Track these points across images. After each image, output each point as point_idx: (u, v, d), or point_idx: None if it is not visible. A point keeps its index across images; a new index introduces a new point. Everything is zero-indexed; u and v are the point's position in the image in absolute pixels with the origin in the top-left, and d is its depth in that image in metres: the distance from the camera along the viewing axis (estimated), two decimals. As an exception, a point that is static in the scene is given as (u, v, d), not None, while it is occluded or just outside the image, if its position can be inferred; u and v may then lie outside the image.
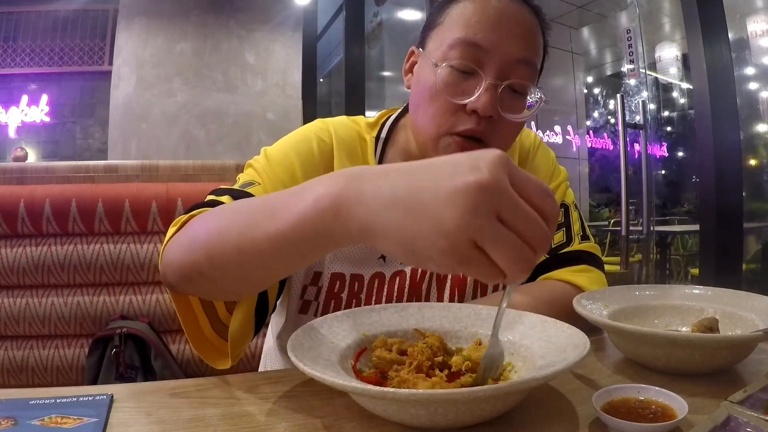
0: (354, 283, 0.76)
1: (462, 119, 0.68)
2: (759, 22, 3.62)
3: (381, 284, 0.76)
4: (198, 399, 0.54)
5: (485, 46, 0.67)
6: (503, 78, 0.68)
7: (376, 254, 0.76)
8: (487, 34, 0.67)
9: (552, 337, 0.55)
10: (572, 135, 8.61)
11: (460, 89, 0.68)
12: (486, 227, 0.36)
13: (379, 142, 0.79)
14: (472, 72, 0.68)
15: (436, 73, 0.68)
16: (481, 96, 0.66)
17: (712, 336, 0.57)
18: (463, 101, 0.68)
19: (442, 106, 0.69)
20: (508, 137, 0.72)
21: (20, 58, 6.19)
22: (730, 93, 2.66)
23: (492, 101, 0.67)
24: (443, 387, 0.48)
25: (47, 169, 1.15)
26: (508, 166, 0.38)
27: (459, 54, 0.68)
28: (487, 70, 0.67)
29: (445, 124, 0.69)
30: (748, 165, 4.07)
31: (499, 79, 0.67)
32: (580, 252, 0.81)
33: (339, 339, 0.57)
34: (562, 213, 0.83)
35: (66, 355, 1.11)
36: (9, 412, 0.48)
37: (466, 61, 0.67)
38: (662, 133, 9.21)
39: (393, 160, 0.78)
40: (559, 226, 0.82)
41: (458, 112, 0.69)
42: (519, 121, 0.71)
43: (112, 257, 1.11)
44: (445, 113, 0.69)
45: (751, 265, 3.61)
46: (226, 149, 5.21)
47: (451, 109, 0.69)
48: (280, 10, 5.46)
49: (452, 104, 0.68)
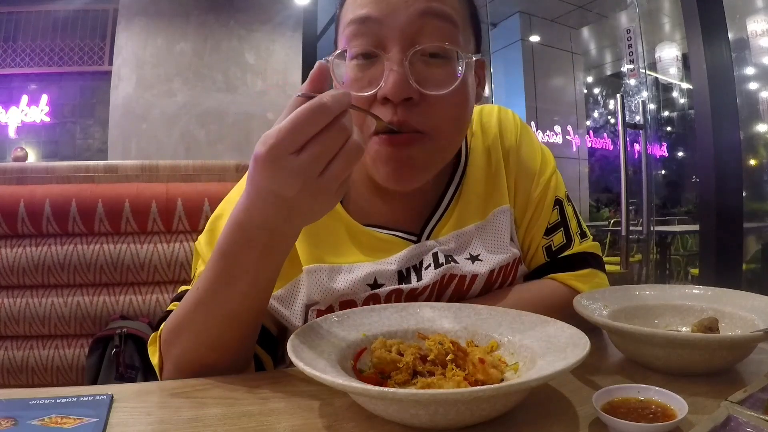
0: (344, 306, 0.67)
1: (379, 113, 0.56)
2: (759, 22, 3.62)
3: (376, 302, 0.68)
4: (198, 399, 0.54)
5: (375, 16, 0.56)
6: (409, 45, 0.56)
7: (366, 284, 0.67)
8: (373, 4, 0.56)
9: (552, 337, 0.55)
10: (572, 135, 8.61)
11: (366, 80, 0.57)
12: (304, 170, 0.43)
13: None
14: (373, 54, 0.57)
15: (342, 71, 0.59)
16: (387, 79, 0.55)
17: (712, 336, 0.57)
18: (370, 91, 0.56)
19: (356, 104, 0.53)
20: (446, 121, 0.60)
21: (20, 58, 6.19)
22: (730, 93, 2.66)
23: (400, 79, 0.54)
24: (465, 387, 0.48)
25: (47, 169, 1.15)
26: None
27: (353, 36, 0.58)
28: (387, 44, 0.56)
29: (364, 125, 0.58)
30: (748, 165, 4.07)
31: (403, 49, 0.56)
32: (584, 254, 0.76)
33: (339, 339, 0.57)
34: (557, 211, 0.75)
35: (66, 355, 1.11)
36: (9, 412, 0.48)
37: (361, 39, 0.57)
38: (662, 133, 9.21)
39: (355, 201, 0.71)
40: (557, 226, 0.75)
41: (373, 105, 0.58)
42: (452, 96, 0.58)
43: (112, 257, 1.11)
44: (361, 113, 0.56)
45: (751, 265, 3.61)
46: (226, 149, 5.21)
47: (365, 104, 0.58)
48: (280, 10, 5.46)
49: (363, 100, 0.57)
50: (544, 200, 0.76)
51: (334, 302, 0.67)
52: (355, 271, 0.67)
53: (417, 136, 0.58)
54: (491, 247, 0.72)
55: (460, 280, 0.69)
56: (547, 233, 0.75)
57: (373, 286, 0.67)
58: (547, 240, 0.75)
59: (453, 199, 0.72)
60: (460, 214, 0.72)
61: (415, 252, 0.69)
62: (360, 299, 0.67)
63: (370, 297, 0.67)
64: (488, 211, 0.73)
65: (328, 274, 0.66)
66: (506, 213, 0.73)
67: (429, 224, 0.71)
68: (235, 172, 1.20)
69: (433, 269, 0.68)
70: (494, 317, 0.63)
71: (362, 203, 0.71)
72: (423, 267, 0.69)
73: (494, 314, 0.63)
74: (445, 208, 0.71)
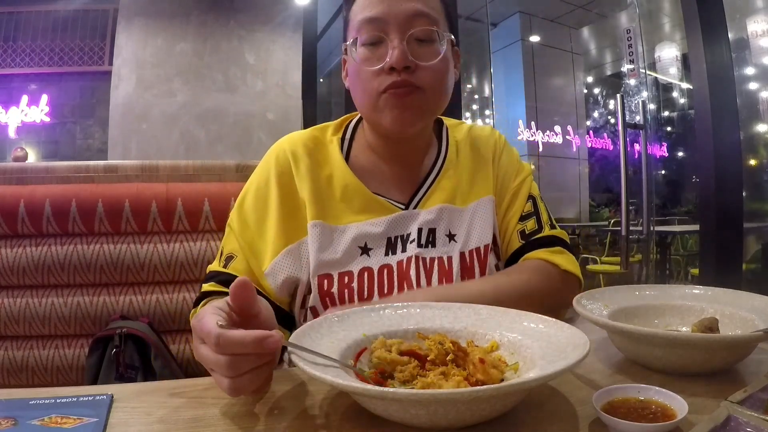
0: (343, 278, 0.79)
1: (385, 79, 0.78)
2: (759, 22, 3.62)
3: (371, 277, 0.79)
4: (198, 399, 0.54)
5: (379, 16, 0.78)
6: (404, 32, 0.78)
7: (357, 246, 0.81)
8: (377, 7, 0.78)
9: (552, 337, 0.55)
10: (572, 135, 8.61)
11: (375, 58, 0.79)
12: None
13: (344, 142, 0.90)
14: (379, 41, 0.79)
15: (355, 56, 0.80)
16: (392, 54, 0.77)
17: (712, 336, 0.57)
18: (380, 65, 0.78)
19: (367, 77, 0.79)
20: (435, 80, 0.80)
21: (20, 58, 6.19)
22: (730, 93, 2.66)
23: (402, 53, 0.76)
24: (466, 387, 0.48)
25: (47, 169, 1.15)
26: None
27: (364, 31, 0.79)
28: (389, 33, 0.78)
29: (375, 89, 0.79)
30: (748, 165, 4.07)
31: (400, 35, 0.77)
32: (552, 237, 0.89)
33: (339, 339, 0.57)
34: (531, 203, 0.91)
35: (66, 355, 1.11)
36: (9, 412, 0.48)
37: (370, 33, 0.79)
38: (662, 133, 9.21)
39: (358, 156, 0.89)
40: (530, 215, 0.90)
41: (380, 75, 0.78)
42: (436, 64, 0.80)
43: (112, 257, 1.11)
44: (371, 81, 0.79)
45: (751, 265, 3.61)
46: (226, 149, 5.21)
47: (374, 76, 0.79)
48: (280, 10, 5.46)
49: (374, 72, 0.79)
50: (519, 192, 0.92)
51: (332, 269, 0.79)
52: (347, 232, 0.81)
53: (415, 90, 0.78)
54: (467, 230, 0.85)
55: (439, 262, 0.82)
56: (522, 220, 0.90)
57: (363, 250, 0.81)
58: (521, 225, 0.90)
59: (438, 175, 0.88)
60: (444, 192, 0.87)
61: (402, 218, 0.83)
62: (356, 269, 0.79)
63: (365, 270, 0.79)
64: (471, 200, 0.88)
65: (328, 232, 0.80)
66: (489, 202, 0.89)
67: (416, 196, 0.86)
68: (235, 172, 1.20)
69: (416, 246, 0.82)
70: (494, 317, 0.63)
71: (363, 163, 0.87)
72: (408, 240, 0.82)
73: (494, 314, 0.63)
74: (431, 183, 0.87)
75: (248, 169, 1.18)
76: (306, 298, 0.80)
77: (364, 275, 0.79)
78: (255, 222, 0.82)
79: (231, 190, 1.16)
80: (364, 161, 0.88)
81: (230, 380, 0.48)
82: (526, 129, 8.29)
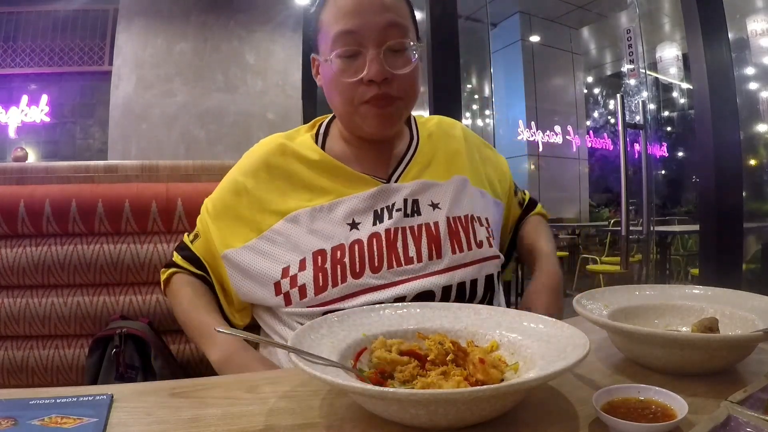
0: (336, 252, 0.81)
1: (365, 90, 0.82)
2: (759, 22, 3.63)
3: (360, 248, 0.82)
4: (198, 399, 0.54)
5: (355, 29, 0.81)
6: (380, 45, 0.81)
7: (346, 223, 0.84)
8: (352, 20, 0.81)
9: (552, 337, 0.55)
10: (572, 135, 8.61)
11: (352, 70, 0.82)
12: None
13: (318, 136, 0.94)
14: (356, 53, 0.82)
15: (331, 66, 0.83)
16: (370, 67, 0.80)
17: (712, 336, 0.57)
18: (358, 77, 0.81)
19: (345, 87, 0.83)
20: (409, 87, 0.86)
21: (20, 58, 6.19)
22: (730, 93, 2.66)
23: (379, 67, 0.80)
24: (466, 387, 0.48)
25: (47, 169, 1.15)
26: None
27: (341, 44, 0.82)
28: (366, 46, 0.81)
29: (354, 99, 0.83)
30: (748, 165, 4.07)
31: (377, 47, 0.81)
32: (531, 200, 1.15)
33: (339, 339, 0.57)
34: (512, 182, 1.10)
35: (66, 355, 1.11)
36: (9, 412, 0.48)
37: (347, 47, 0.82)
38: (662, 133, 9.21)
39: (333, 148, 0.93)
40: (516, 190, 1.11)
41: (359, 87, 0.82)
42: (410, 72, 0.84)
43: (112, 257, 1.11)
44: (350, 91, 0.83)
45: (751, 265, 3.61)
46: (226, 149, 5.21)
47: (353, 87, 0.82)
48: (280, 10, 5.46)
49: (352, 83, 0.82)
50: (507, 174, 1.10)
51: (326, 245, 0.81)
52: (335, 209, 0.84)
53: (393, 100, 0.84)
54: (450, 200, 0.90)
55: (426, 227, 0.86)
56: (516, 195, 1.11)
57: (352, 225, 0.83)
58: (517, 198, 1.11)
59: (414, 154, 0.94)
60: (421, 167, 0.92)
61: (385, 190, 0.87)
62: (347, 242, 0.81)
63: (355, 242, 0.82)
64: (448, 177, 0.93)
65: (310, 215, 0.84)
66: (464, 181, 0.94)
67: (395, 172, 0.91)
68: (235, 172, 1.20)
69: (402, 216, 0.85)
70: (494, 317, 0.63)
71: (339, 153, 0.91)
72: (394, 209, 0.86)
73: (494, 314, 0.63)
74: (408, 161, 0.93)
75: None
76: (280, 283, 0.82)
77: (354, 248, 0.81)
78: (221, 211, 0.90)
79: (231, 190, 1.15)
80: (339, 150, 0.92)
81: None
82: (526, 129, 8.29)
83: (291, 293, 0.80)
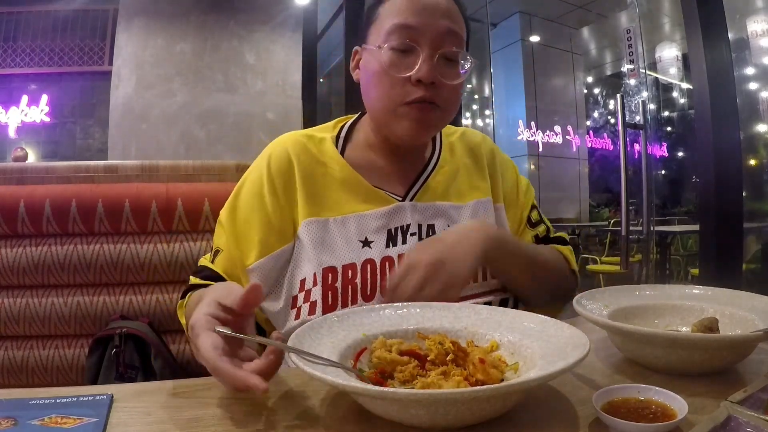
0: (347, 271, 0.79)
1: (410, 90, 0.80)
2: (759, 22, 3.62)
3: (373, 269, 0.80)
4: (198, 399, 0.54)
5: (416, 26, 0.79)
6: (436, 49, 0.80)
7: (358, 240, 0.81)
8: (416, 17, 0.79)
9: (552, 337, 0.55)
10: (572, 135, 8.61)
11: (403, 66, 0.80)
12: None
13: (339, 139, 0.90)
14: (410, 49, 0.80)
15: (380, 57, 0.80)
16: (421, 67, 0.79)
17: (712, 336, 0.57)
18: (407, 74, 0.79)
19: (390, 82, 0.80)
20: (452, 99, 0.84)
21: (20, 58, 6.19)
22: (730, 93, 2.65)
23: (431, 69, 0.79)
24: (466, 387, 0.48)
25: (47, 169, 1.15)
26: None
27: (396, 37, 0.80)
28: (422, 44, 0.79)
29: (397, 97, 0.80)
30: (748, 165, 4.07)
31: (432, 50, 0.79)
32: (558, 236, 1.00)
33: (339, 339, 0.57)
34: (537, 212, 0.99)
35: (66, 355, 1.11)
36: (9, 412, 0.48)
37: (403, 40, 0.79)
38: (662, 133, 9.21)
39: (352, 153, 0.89)
40: (538, 222, 0.98)
41: (405, 85, 0.80)
42: (457, 84, 0.83)
43: (112, 257, 1.11)
44: (394, 87, 0.80)
45: (751, 265, 3.61)
46: (226, 149, 5.21)
47: (398, 83, 0.80)
48: (280, 10, 5.46)
49: (398, 79, 0.80)
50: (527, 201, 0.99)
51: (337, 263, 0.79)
52: (347, 224, 0.82)
53: (434, 107, 0.81)
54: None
55: None
56: (533, 226, 0.98)
57: (364, 243, 0.81)
58: (534, 231, 0.97)
59: (433, 170, 0.91)
60: (440, 190, 0.89)
61: (400, 209, 0.85)
62: (359, 261, 0.79)
63: (367, 262, 0.80)
64: (469, 198, 0.91)
65: (324, 227, 0.81)
66: (486, 204, 0.92)
67: (412, 189, 0.88)
68: (235, 172, 1.20)
69: (417, 239, 0.83)
70: (494, 317, 0.63)
71: (359, 160, 0.88)
72: (409, 232, 0.84)
73: (494, 314, 0.63)
74: (427, 177, 0.90)
75: (248, 169, 1.18)
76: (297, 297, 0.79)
77: (367, 268, 0.79)
78: (244, 218, 0.83)
79: (231, 190, 1.15)
80: (359, 158, 0.89)
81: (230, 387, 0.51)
82: (526, 129, 8.28)
83: (302, 308, 0.78)
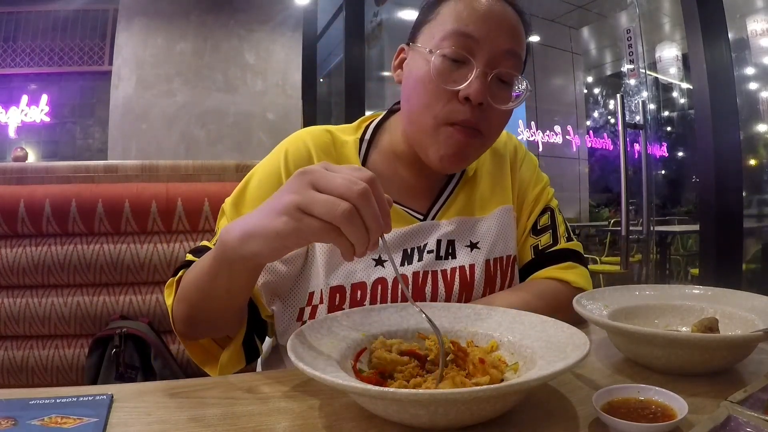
0: (356, 291, 0.73)
1: (456, 108, 0.71)
2: (759, 22, 3.62)
3: (384, 289, 0.74)
4: (198, 399, 0.54)
5: (476, 37, 0.71)
6: (492, 67, 0.71)
7: (371, 258, 0.75)
8: (477, 26, 0.71)
9: (552, 337, 0.55)
10: (572, 135, 8.60)
11: (452, 77, 0.71)
12: (303, 194, 0.49)
13: (363, 143, 0.82)
14: (464, 60, 0.71)
15: (429, 62, 0.71)
16: (472, 83, 0.70)
17: (712, 336, 0.57)
18: (455, 88, 0.70)
19: (436, 93, 0.71)
20: (498, 125, 0.76)
21: (20, 58, 6.19)
22: (730, 93, 2.65)
23: (483, 88, 0.70)
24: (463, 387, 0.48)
25: (47, 169, 1.15)
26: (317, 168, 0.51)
27: (452, 44, 0.71)
28: (478, 58, 0.71)
29: (440, 113, 0.72)
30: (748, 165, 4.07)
31: (488, 67, 0.71)
32: (564, 250, 0.85)
33: (339, 339, 0.57)
34: (548, 216, 0.88)
35: (66, 355, 1.11)
36: (9, 412, 0.48)
37: (458, 49, 0.71)
38: (662, 133, 9.20)
39: (375, 162, 0.82)
40: (545, 228, 0.87)
41: (452, 101, 0.71)
42: (507, 110, 0.75)
43: (112, 257, 1.11)
44: (439, 101, 0.71)
45: (751, 265, 3.61)
46: (226, 149, 5.21)
47: (444, 96, 0.71)
48: (280, 10, 5.46)
49: (445, 91, 0.71)
50: (536, 205, 0.89)
51: (345, 282, 0.73)
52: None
53: (477, 134, 0.73)
54: (492, 239, 0.81)
55: (461, 271, 0.77)
56: (537, 234, 0.87)
57: (377, 261, 0.75)
58: (536, 240, 0.86)
59: (457, 185, 0.84)
60: (463, 203, 0.83)
61: (419, 229, 0.78)
62: (369, 280, 0.74)
63: (378, 281, 0.74)
64: (492, 208, 0.84)
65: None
66: (510, 212, 0.85)
67: (435, 206, 0.82)
68: (235, 172, 1.20)
69: (434, 258, 0.77)
70: (494, 317, 0.63)
71: (382, 169, 0.81)
72: (425, 251, 0.77)
73: (494, 314, 0.63)
74: (450, 193, 0.83)
75: (248, 169, 1.17)
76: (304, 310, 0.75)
77: (377, 287, 0.74)
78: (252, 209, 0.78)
79: (231, 190, 1.14)
80: (382, 167, 0.81)
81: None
82: (526, 129, 8.28)
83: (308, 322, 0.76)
